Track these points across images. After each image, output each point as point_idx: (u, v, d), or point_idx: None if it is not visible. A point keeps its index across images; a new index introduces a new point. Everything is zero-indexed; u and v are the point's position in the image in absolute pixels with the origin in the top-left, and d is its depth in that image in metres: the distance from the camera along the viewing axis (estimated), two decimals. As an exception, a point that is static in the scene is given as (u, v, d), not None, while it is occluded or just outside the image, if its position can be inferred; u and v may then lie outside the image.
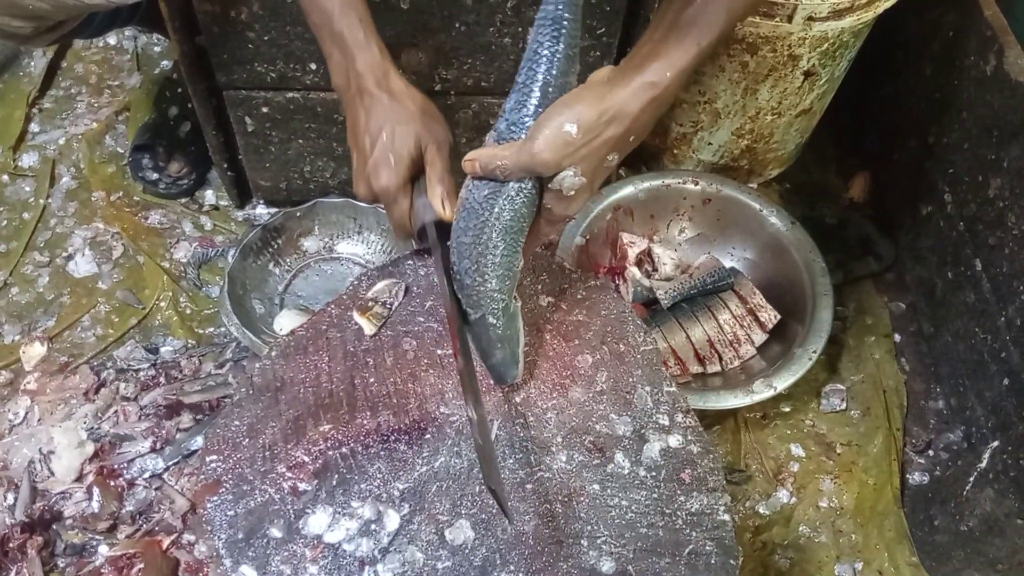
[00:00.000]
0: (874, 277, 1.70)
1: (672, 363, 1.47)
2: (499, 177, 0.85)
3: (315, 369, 0.97)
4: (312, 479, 0.88)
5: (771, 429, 1.50)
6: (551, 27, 0.81)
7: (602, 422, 0.94)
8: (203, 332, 1.53)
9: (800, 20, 1.40)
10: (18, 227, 1.63)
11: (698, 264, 1.59)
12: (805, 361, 1.38)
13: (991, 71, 1.40)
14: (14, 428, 1.38)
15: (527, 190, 0.86)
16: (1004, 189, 1.36)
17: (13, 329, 1.50)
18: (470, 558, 0.84)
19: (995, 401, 1.36)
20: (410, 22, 1.28)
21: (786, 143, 1.71)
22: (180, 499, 1.32)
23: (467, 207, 0.88)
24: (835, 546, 1.39)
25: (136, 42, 1.92)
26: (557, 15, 0.81)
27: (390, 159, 0.99)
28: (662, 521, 0.88)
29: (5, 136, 1.74)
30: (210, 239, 1.64)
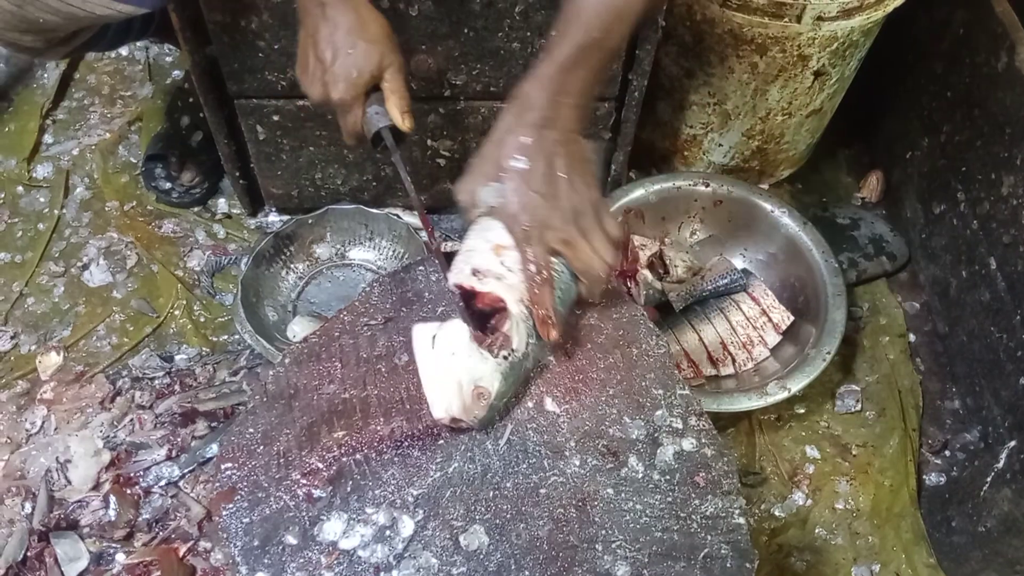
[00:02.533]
0: (888, 277, 1.69)
1: (685, 366, 1.47)
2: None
3: (328, 376, 0.97)
4: (327, 486, 0.88)
5: (786, 431, 1.49)
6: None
7: (615, 426, 0.94)
8: (217, 340, 1.54)
9: (809, 20, 1.39)
10: (33, 237, 1.64)
11: (710, 266, 1.59)
12: (819, 362, 1.37)
13: (1002, 68, 1.39)
14: (31, 437, 1.39)
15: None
16: (1018, 187, 1.35)
17: (29, 339, 1.51)
18: (485, 563, 0.84)
19: (1012, 400, 1.35)
20: (419, 28, 1.28)
21: (797, 143, 1.70)
22: (196, 506, 1.33)
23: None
24: (852, 548, 1.38)
25: (148, 53, 1.94)
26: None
27: (352, 74, 1.04)
28: (677, 525, 0.88)
29: (19, 147, 1.76)
30: (223, 247, 1.65)
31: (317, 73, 1.06)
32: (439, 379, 0.89)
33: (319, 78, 1.06)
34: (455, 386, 0.88)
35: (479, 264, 0.93)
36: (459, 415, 0.88)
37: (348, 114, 1.08)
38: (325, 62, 1.04)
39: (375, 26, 1.05)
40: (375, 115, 1.08)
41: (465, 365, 0.88)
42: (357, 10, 1.04)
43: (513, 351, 0.90)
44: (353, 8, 1.04)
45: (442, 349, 0.89)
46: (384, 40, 1.06)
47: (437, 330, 0.90)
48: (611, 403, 0.96)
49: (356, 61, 1.04)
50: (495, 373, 0.89)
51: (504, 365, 0.89)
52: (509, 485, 0.89)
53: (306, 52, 1.07)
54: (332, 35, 1.04)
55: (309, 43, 1.06)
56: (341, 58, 1.04)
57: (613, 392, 0.97)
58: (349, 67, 1.04)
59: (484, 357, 0.89)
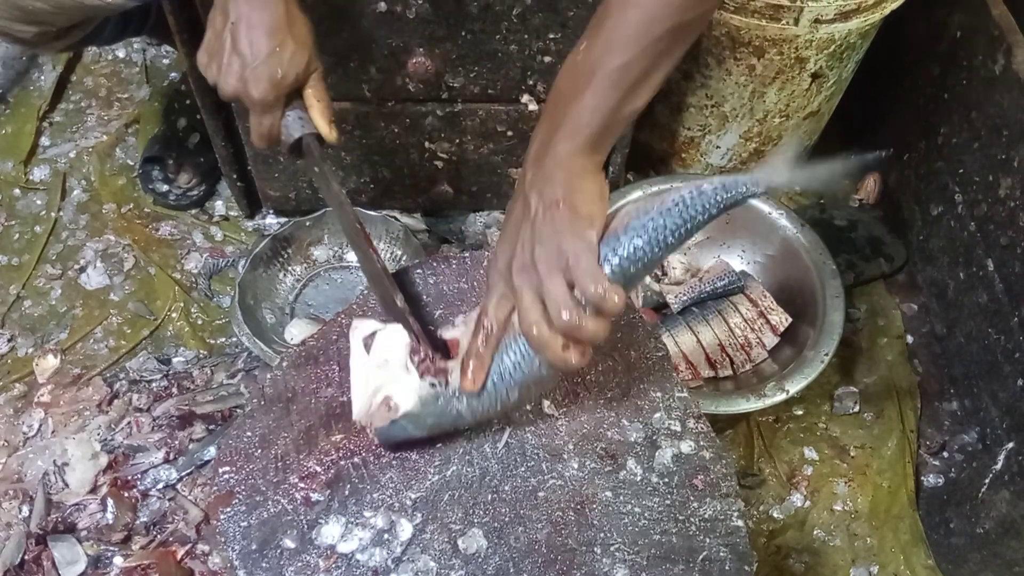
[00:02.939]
0: (885, 278, 1.69)
1: (683, 367, 1.47)
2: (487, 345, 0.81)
3: (326, 379, 0.97)
4: (324, 489, 0.88)
5: (784, 433, 1.49)
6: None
7: (613, 429, 0.94)
8: (214, 342, 1.54)
9: (807, 22, 1.39)
10: (30, 240, 1.64)
11: (708, 268, 1.59)
12: (817, 364, 1.37)
13: (1000, 70, 1.39)
14: (28, 440, 1.39)
15: None
16: (1015, 189, 1.35)
17: (26, 342, 1.51)
18: (483, 567, 0.84)
19: (1010, 402, 1.35)
20: (416, 31, 1.28)
21: (794, 145, 1.70)
22: (194, 509, 1.32)
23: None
24: (850, 550, 1.38)
25: (145, 55, 1.93)
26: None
27: (277, 74, 0.98)
28: (675, 528, 0.88)
29: (16, 150, 1.76)
30: (220, 250, 1.65)
31: (234, 66, 0.99)
32: (363, 381, 0.87)
33: (235, 72, 0.99)
34: (371, 390, 0.86)
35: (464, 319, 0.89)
36: (361, 420, 0.87)
37: (266, 116, 1.02)
38: (245, 56, 0.98)
39: (303, 27, 1.01)
40: (296, 120, 1.02)
41: (389, 374, 0.86)
42: (287, 7, 0.98)
43: (446, 385, 0.84)
44: (284, 4, 0.98)
45: (377, 354, 0.87)
46: (311, 43, 1.01)
47: (379, 330, 0.88)
48: (609, 406, 0.96)
49: (283, 61, 0.98)
50: (412, 392, 0.84)
51: (427, 392, 0.84)
52: (507, 488, 0.89)
53: (221, 40, 0.99)
54: (258, 28, 0.97)
55: (228, 31, 0.98)
56: (265, 56, 0.97)
57: (611, 395, 0.97)
58: (274, 66, 0.97)
59: (409, 372, 0.85)
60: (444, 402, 0.84)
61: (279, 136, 1.04)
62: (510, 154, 1.52)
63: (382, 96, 1.40)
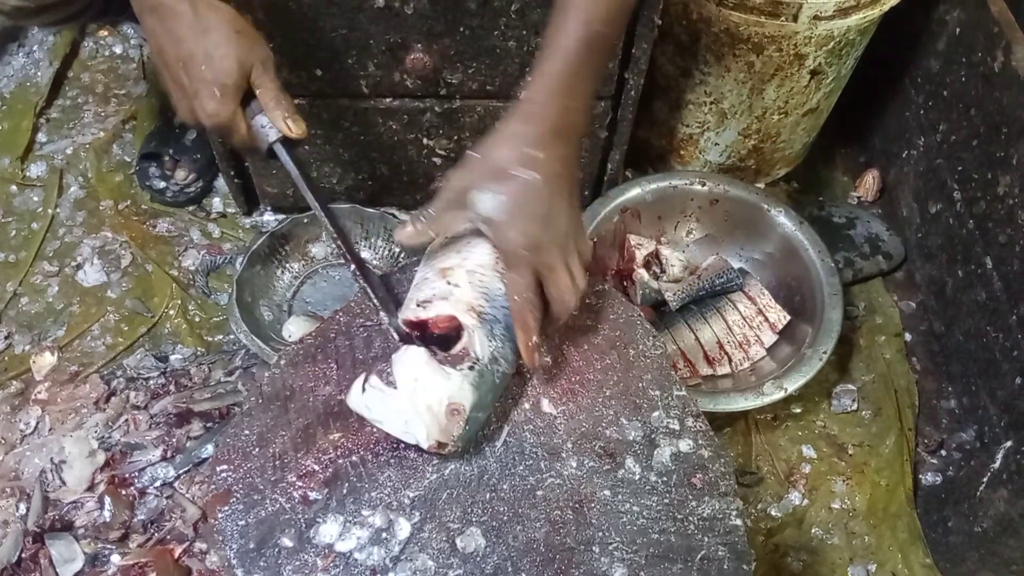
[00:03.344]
0: (884, 276, 1.69)
1: (681, 365, 1.46)
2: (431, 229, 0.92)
3: (324, 377, 0.96)
4: (322, 488, 0.88)
5: (782, 431, 1.49)
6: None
7: (612, 427, 0.94)
8: (212, 340, 1.53)
9: (806, 19, 1.39)
10: (27, 237, 1.64)
11: (706, 265, 1.59)
12: (815, 362, 1.37)
13: (999, 67, 1.39)
14: (25, 438, 1.39)
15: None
16: (1014, 186, 1.35)
17: (23, 339, 1.51)
18: (481, 566, 0.84)
19: (1008, 400, 1.35)
20: (414, 27, 1.28)
21: (793, 142, 1.70)
22: (191, 507, 1.32)
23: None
24: (848, 548, 1.38)
25: (142, 51, 1.93)
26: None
27: (214, 91, 0.90)
28: (674, 526, 0.88)
29: (13, 146, 1.75)
30: (218, 246, 1.65)
31: (179, 96, 0.93)
32: (411, 411, 0.84)
33: (183, 101, 0.93)
34: (427, 411, 0.84)
35: (424, 295, 0.91)
36: (441, 439, 0.85)
37: (232, 135, 0.96)
38: (183, 85, 0.91)
39: (216, 21, 0.90)
40: (263, 128, 0.97)
41: (431, 387, 0.84)
42: (195, 10, 0.88)
43: (477, 359, 0.87)
44: (190, 9, 0.88)
45: (404, 381, 0.85)
46: (234, 38, 0.90)
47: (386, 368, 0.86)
48: (608, 404, 0.96)
49: (213, 76, 0.89)
50: (464, 385, 0.85)
51: (471, 375, 0.86)
52: (506, 487, 0.89)
53: (164, 78, 0.93)
54: (176, 49, 0.89)
55: (159, 63, 0.92)
56: (195, 76, 0.89)
57: (610, 393, 0.97)
58: (208, 85, 0.90)
59: (447, 373, 0.85)
60: (488, 373, 0.87)
61: (258, 146, 1.00)
62: (508, 151, 1.51)
63: (380, 92, 1.39)
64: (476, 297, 0.90)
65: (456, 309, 0.89)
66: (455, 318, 0.89)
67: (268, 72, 0.95)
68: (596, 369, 0.98)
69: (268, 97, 0.95)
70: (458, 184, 0.89)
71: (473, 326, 0.88)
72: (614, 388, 0.97)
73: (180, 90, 0.93)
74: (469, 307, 0.89)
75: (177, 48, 0.89)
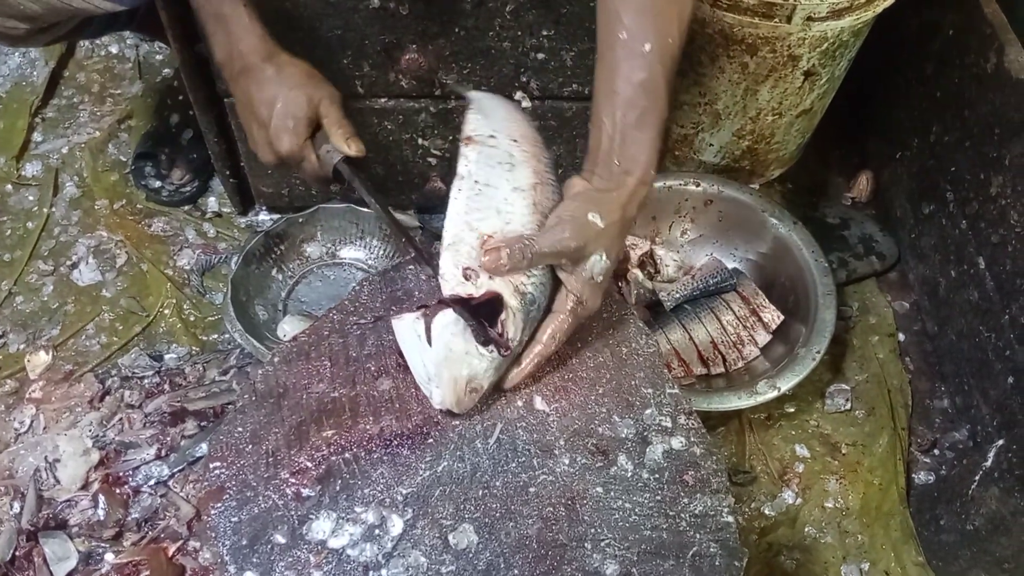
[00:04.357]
0: (877, 276, 1.69)
1: (675, 365, 1.47)
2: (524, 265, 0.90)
3: (317, 375, 0.97)
4: (315, 485, 0.88)
5: (776, 430, 1.50)
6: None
7: (605, 425, 0.94)
8: (207, 339, 1.53)
9: (799, 20, 1.40)
10: (22, 236, 1.64)
11: (700, 265, 1.59)
12: (809, 361, 1.38)
13: (991, 69, 1.40)
14: (20, 437, 1.39)
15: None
16: (1006, 187, 1.36)
17: (18, 338, 1.51)
18: (474, 562, 0.84)
19: (1000, 399, 1.35)
20: (409, 27, 1.28)
21: (787, 143, 1.71)
22: (185, 506, 1.32)
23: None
24: (841, 546, 1.39)
25: (138, 50, 1.93)
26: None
27: (288, 124, 1.06)
28: (666, 523, 0.88)
29: (8, 146, 1.75)
30: (213, 246, 1.65)
31: (260, 137, 1.09)
32: (438, 374, 0.89)
33: (264, 141, 1.09)
34: (452, 382, 0.89)
35: (468, 262, 0.91)
36: (455, 409, 0.91)
37: (304, 164, 1.10)
38: (264, 123, 1.07)
39: (293, 72, 1.08)
40: (327, 154, 1.09)
41: (463, 363, 0.88)
42: (276, 64, 1.07)
43: (509, 344, 0.90)
44: (273, 64, 1.07)
45: (440, 345, 0.88)
46: (306, 81, 1.08)
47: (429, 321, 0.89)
48: (601, 402, 0.96)
49: (287, 110, 1.06)
50: (490, 369, 0.90)
51: (499, 361, 0.90)
52: (498, 484, 0.89)
53: (248, 122, 1.10)
54: (260, 95, 1.06)
55: (248, 114, 1.09)
56: (274, 114, 1.06)
57: (603, 391, 0.97)
58: (284, 118, 1.06)
59: (482, 356, 0.89)
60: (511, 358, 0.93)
61: (324, 173, 1.11)
62: (503, 151, 1.51)
63: (375, 92, 1.40)
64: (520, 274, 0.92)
65: (504, 290, 0.91)
66: (501, 298, 0.90)
67: (334, 104, 1.09)
68: (589, 367, 0.99)
69: (331, 123, 1.08)
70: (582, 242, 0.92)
71: (516, 309, 0.90)
72: (607, 386, 0.98)
73: (263, 130, 1.08)
74: (514, 288, 0.91)
75: (260, 93, 1.06)
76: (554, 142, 1.48)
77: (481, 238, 0.91)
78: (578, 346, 1.00)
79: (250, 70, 1.06)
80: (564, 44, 1.32)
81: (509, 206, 0.94)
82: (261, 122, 1.08)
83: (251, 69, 1.06)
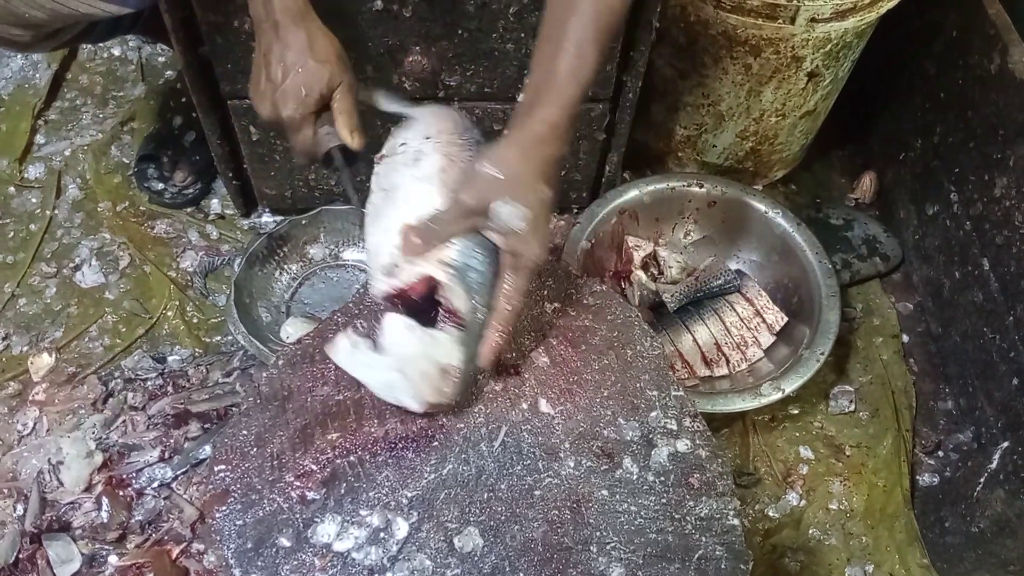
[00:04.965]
0: (881, 278, 1.69)
1: (679, 366, 1.47)
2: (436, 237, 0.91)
3: (322, 378, 0.97)
4: (320, 488, 0.88)
5: (780, 431, 1.50)
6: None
7: (610, 427, 0.94)
8: (210, 341, 1.53)
9: (803, 22, 1.39)
10: (25, 238, 1.64)
11: (704, 267, 1.59)
12: (813, 363, 1.37)
13: (995, 70, 1.39)
14: (23, 439, 1.39)
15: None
16: (1010, 188, 1.36)
17: (21, 340, 1.51)
18: (479, 565, 0.84)
19: (1005, 401, 1.35)
20: (413, 29, 1.28)
21: (791, 144, 1.70)
22: (189, 508, 1.32)
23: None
24: (845, 548, 1.38)
25: (140, 53, 1.93)
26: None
27: (301, 91, 1.04)
28: (671, 526, 0.88)
29: (11, 148, 1.75)
30: (216, 248, 1.65)
31: (268, 92, 1.06)
32: (404, 377, 0.88)
33: (269, 96, 1.06)
34: (420, 377, 0.88)
35: (385, 260, 0.92)
36: (441, 400, 0.90)
37: (298, 133, 1.08)
38: (275, 81, 1.04)
39: (325, 46, 1.06)
40: (326, 135, 1.08)
41: (419, 352, 0.88)
42: (308, 30, 1.05)
43: (460, 316, 0.90)
44: (304, 28, 1.04)
45: (391, 347, 0.88)
46: (334, 60, 1.06)
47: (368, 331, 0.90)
48: (605, 404, 0.96)
49: (305, 80, 1.04)
50: (452, 345, 0.89)
51: (457, 334, 0.90)
52: (503, 487, 0.89)
53: (259, 70, 1.07)
54: (283, 54, 1.04)
55: (262, 61, 1.06)
56: (290, 77, 1.04)
57: (608, 393, 0.97)
58: (298, 86, 1.04)
59: (434, 337, 0.89)
60: (473, 324, 0.91)
61: (314, 151, 1.09)
62: (506, 153, 1.51)
63: (378, 94, 1.39)
64: (441, 248, 0.92)
65: (431, 268, 0.90)
66: (431, 277, 0.90)
67: (348, 94, 1.07)
68: (594, 369, 0.99)
69: (341, 109, 1.07)
70: (477, 196, 0.92)
71: (449, 280, 0.90)
72: (612, 388, 0.97)
73: (271, 85, 1.05)
74: (439, 261, 0.91)
75: (283, 52, 1.03)
76: (557, 144, 1.48)
77: (401, 228, 0.93)
78: (583, 349, 1.00)
79: (280, 27, 1.04)
80: (567, 46, 1.32)
81: (414, 197, 0.95)
82: (272, 76, 1.05)
83: (282, 27, 1.04)
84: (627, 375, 0.99)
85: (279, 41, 1.04)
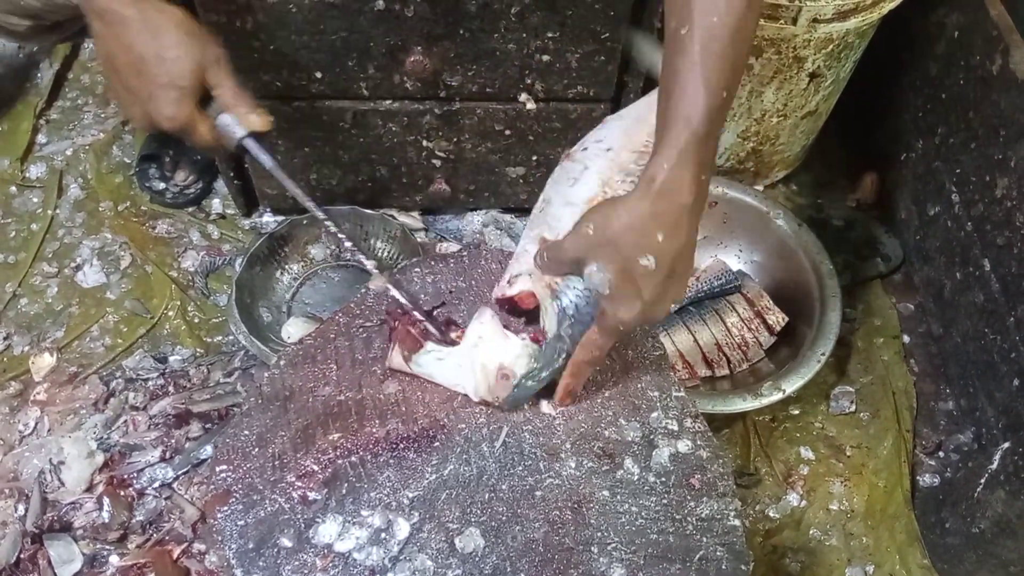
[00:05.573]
0: (882, 278, 1.69)
1: (680, 367, 1.47)
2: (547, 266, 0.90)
3: (323, 378, 0.97)
4: (322, 488, 0.88)
5: (780, 432, 1.50)
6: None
7: (611, 428, 0.94)
8: (211, 341, 1.53)
9: (805, 22, 1.39)
10: (26, 238, 1.64)
11: (705, 267, 1.59)
12: (814, 363, 1.38)
13: (997, 70, 1.39)
14: (24, 439, 1.39)
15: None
16: (1012, 188, 1.36)
17: (22, 340, 1.51)
18: (480, 566, 0.84)
19: (1006, 402, 1.35)
20: (414, 29, 1.28)
21: (792, 145, 1.70)
22: (190, 508, 1.32)
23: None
24: (846, 549, 1.38)
25: (142, 52, 1.93)
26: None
27: (171, 95, 0.89)
28: (672, 527, 0.88)
29: (13, 147, 1.75)
30: (217, 248, 1.65)
31: (131, 100, 0.92)
32: (467, 365, 0.92)
33: (136, 105, 0.91)
34: (480, 369, 0.91)
35: (515, 270, 0.94)
36: (486, 397, 0.93)
37: (194, 134, 0.95)
38: (136, 91, 0.89)
39: (163, 23, 0.88)
40: (227, 127, 0.97)
41: (489, 348, 0.91)
42: (136, 6, 0.86)
43: (543, 333, 0.92)
44: (131, 6, 0.86)
45: (471, 335, 0.92)
46: (185, 39, 0.89)
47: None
48: (607, 405, 0.96)
49: (168, 78, 0.88)
50: (521, 354, 0.91)
51: (532, 347, 0.91)
52: (505, 487, 0.89)
53: (115, 85, 0.91)
54: (127, 56, 0.88)
55: (109, 70, 0.90)
56: (149, 80, 0.88)
57: (608, 394, 0.97)
58: (165, 90, 0.88)
59: (508, 338, 0.91)
60: (550, 348, 0.91)
61: (221, 146, 1.00)
62: (508, 153, 1.51)
63: (380, 94, 1.39)
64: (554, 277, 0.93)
65: (535, 286, 0.93)
66: (534, 296, 0.93)
67: (223, 71, 0.93)
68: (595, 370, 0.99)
69: (228, 96, 0.94)
70: (573, 249, 0.85)
71: (547, 302, 0.92)
72: (613, 389, 0.97)
73: (132, 95, 0.91)
74: (547, 286, 0.93)
75: (127, 53, 0.87)
76: (558, 144, 1.48)
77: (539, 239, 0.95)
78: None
79: (105, 15, 0.85)
80: (569, 46, 1.32)
81: (556, 221, 0.94)
82: (127, 85, 0.89)
83: (107, 14, 0.85)
84: (628, 376, 0.99)
85: (114, 38, 0.87)
